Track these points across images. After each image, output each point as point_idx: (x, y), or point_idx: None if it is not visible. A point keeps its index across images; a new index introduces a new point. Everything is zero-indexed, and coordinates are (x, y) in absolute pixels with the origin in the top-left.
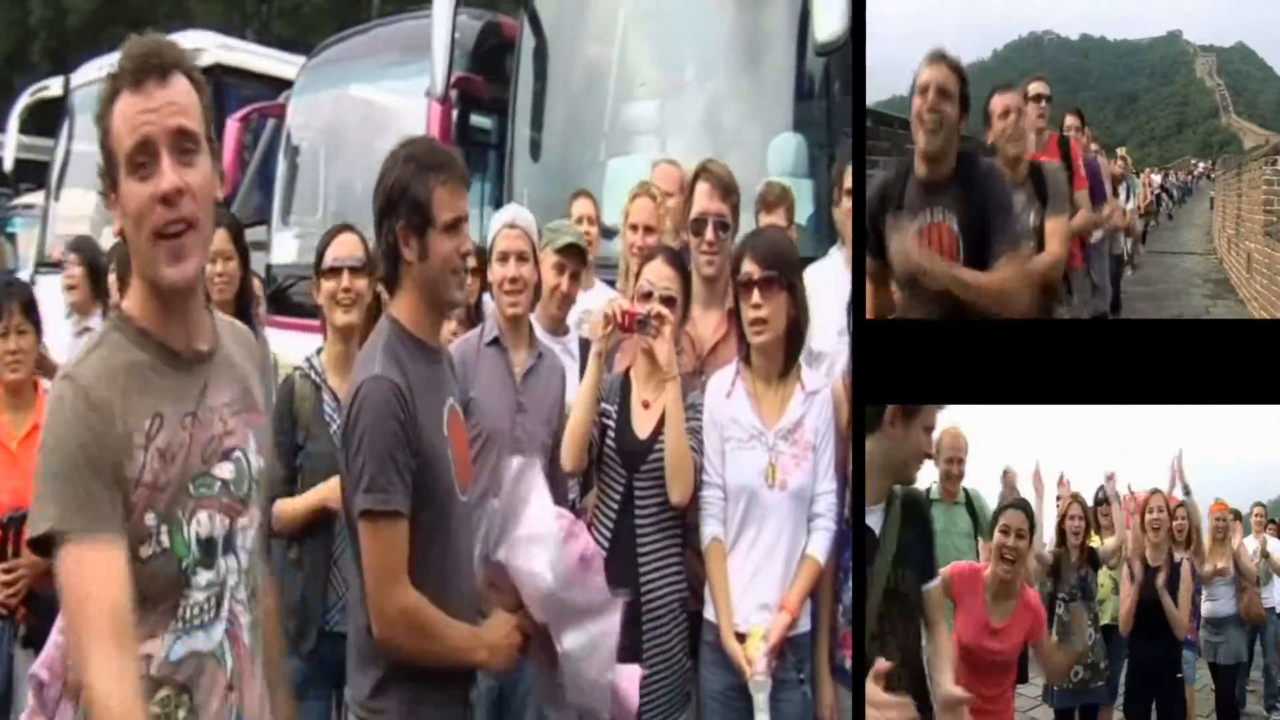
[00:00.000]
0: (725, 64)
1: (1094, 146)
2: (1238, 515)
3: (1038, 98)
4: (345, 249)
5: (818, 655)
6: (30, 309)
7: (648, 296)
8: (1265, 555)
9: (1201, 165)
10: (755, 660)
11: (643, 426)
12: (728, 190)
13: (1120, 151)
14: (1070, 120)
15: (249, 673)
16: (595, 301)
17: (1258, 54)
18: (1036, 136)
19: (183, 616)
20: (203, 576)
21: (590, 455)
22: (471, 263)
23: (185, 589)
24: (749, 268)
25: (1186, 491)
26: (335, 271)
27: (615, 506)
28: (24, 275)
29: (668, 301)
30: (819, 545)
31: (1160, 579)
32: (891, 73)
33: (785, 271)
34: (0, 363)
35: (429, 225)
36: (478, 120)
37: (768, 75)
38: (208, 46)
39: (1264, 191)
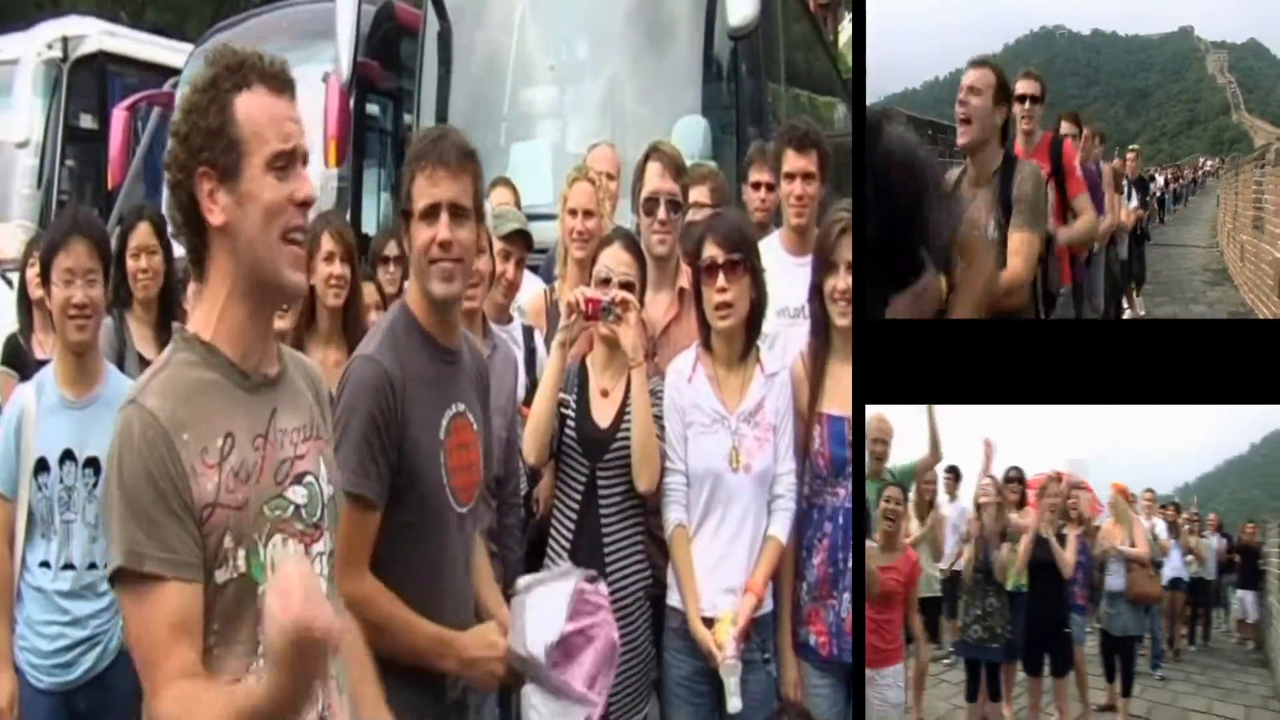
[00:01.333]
0: (629, 47)
1: (1097, 150)
2: (1133, 499)
3: (1023, 98)
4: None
5: (780, 634)
6: None
7: (606, 282)
8: (1155, 538)
9: (1209, 163)
10: (725, 645)
11: (603, 416)
12: (679, 170)
13: (1130, 153)
14: (1066, 126)
15: (337, 704)
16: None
17: (1271, 51)
18: (1026, 139)
19: (263, 651)
20: None
21: (550, 447)
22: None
23: (263, 619)
24: (712, 251)
25: (1081, 485)
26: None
27: (578, 497)
28: None
29: (627, 287)
30: (781, 526)
31: (1051, 543)
32: (901, 69)
33: (747, 254)
34: None
35: (409, 215)
36: (369, 107)
37: (673, 59)
38: (91, 33)
39: (1253, 190)
